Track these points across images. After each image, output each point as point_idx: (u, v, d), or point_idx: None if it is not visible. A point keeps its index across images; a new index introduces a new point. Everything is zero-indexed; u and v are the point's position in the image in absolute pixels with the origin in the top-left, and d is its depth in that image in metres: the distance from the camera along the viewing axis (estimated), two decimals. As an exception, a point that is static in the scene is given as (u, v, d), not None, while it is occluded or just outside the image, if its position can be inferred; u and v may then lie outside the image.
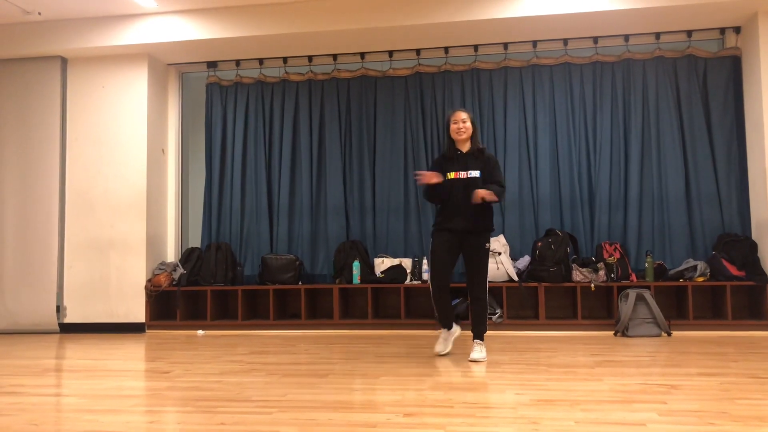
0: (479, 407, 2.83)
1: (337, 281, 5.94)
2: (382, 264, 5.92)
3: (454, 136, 4.22)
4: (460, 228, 4.16)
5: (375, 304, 5.97)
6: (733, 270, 5.35)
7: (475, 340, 4.21)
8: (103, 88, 6.27)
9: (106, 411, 2.89)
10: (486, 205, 4.16)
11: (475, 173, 4.15)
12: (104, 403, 3.05)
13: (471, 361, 4.09)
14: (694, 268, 5.43)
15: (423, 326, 5.66)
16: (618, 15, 5.40)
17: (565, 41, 5.99)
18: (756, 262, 5.38)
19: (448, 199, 4.19)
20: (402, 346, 4.79)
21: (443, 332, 4.39)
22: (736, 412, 2.66)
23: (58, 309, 6.14)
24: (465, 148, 4.23)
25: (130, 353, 4.81)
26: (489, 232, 4.26)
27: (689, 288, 5.36)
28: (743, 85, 5.75)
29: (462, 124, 4.18)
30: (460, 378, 3.55)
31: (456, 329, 4.40)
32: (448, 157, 4.25)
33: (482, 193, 3.99)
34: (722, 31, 5.85)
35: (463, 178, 4.14)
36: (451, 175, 4.17)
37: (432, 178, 4.13)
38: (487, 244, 4.24)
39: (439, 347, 4.35)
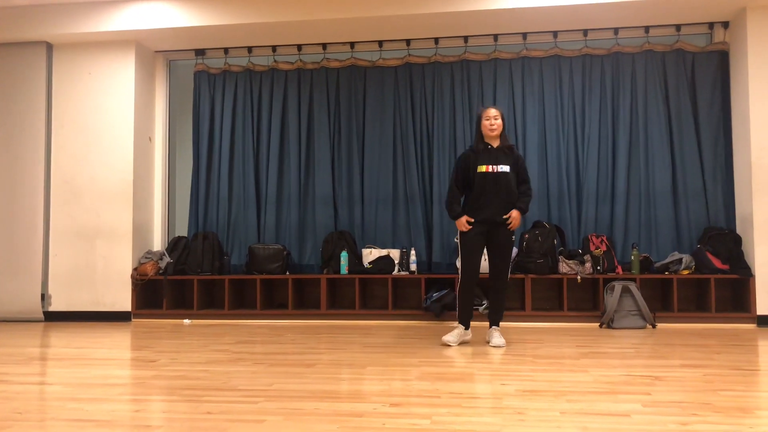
0: (465, 397, 2.85)
1: (324, 271, 5.94)
2: (370, 254, 5.93)
3: (486, 132, 4.38)
4: (489, 220, 4.32)
5: (362, 294, 5.98)
6: (717, 263, 5.40)
7: (492, 327, 4.45)
8: (90, 74, 6.20)
9: (91, 399, 2.88)
10: (515, 198, 4.35)
11: (506, 168, 4.33)
12: (89, 392, 3.04)
13: (493, 346, 4.30)
14: (680, 261, 5.48)
15: (410, 317, 5.68)
16: (608, 8, 5.41)
17: (555, 33, 5.99)
18: (740, 255, 5.43)
19: (479, 192, 4.34)
20: (389, 337, 4.81)
21: (461, 328, 4.42)
22: (719, 403, 2.69)
23: (43, 297, 6.09)
24: (495, 143, 4.40)
25: (116, 342, 4.79)
26: (525, 214, 4.47)
27: (674, 281, 5.41)
28: (730, 79, 5.78)
29: (494, 120, 4.35)
30: (446, 368, 3.56)
31: (469, 333, 4.46)
32: (478, 150, 4.39)
33: (515, 221, 4.32)
34: (710, 25, 5.88)
35: (494, 172, 4.31)
36: (482, 168, 4.32)
37: (465, 224, 4.35)
38: (513, 236, 4.42)
39: (451, 338, 4.35)
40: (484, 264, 4.49)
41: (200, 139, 6.48)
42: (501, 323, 4.51)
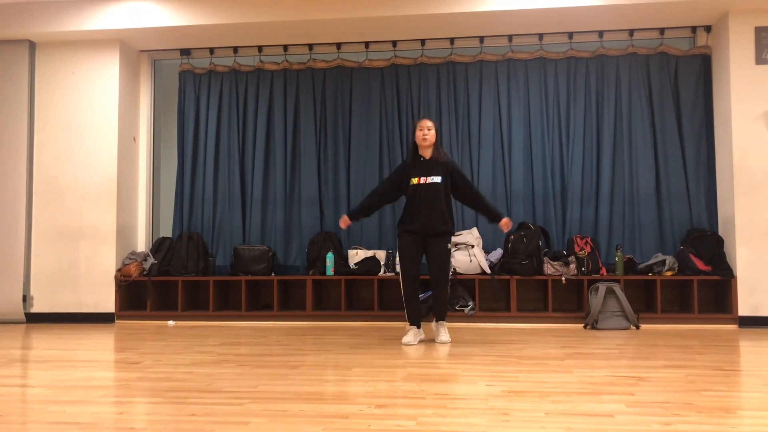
0: (451, 398, 2.85)
1: (310, 272, 5.92)
2: (356, 256, 5.92)
3: (418, 142, 4.48)
4: (422, 231, 4.43)
5: (348, 295, 5.97)
6: (700, 264, 5.45)
7: (438, 322, 4.53)
8: (73, 73, 6.14)
9: (74, 402, 2.85)
10: (447, 209, 4.45)
11: (437, 179, 4.42)
12: (71, 394, 3.00)
13: (439, 343, 4.41)
14: (663, 262, 5.53)
15: (396, 318, 5.67)
16: (593, 11, 5.45)
17: (541, 36, 6.03)
18: (722, 256, 5.49)
19: (411, 204, 4.46)
20: (375, 338, 4.80)
21: (413, 329, 4.52)
22: (701, 403, 2.71)
23: (25, 298, 6.02)
24: (427, 154, 4.50)
25: (99, 343, 4.74)
26: (450, 234, 4.52)
27: (658, 282, 5.46)
28: (713, 83, 5.85)
29: (427, 131, 4.45)
30: (432, 369, 3.56)
31: (422, 332, 4.58)
32: (410, 162, 4.53)
33: (505, 225, 4.56)
34: (693, 29, 5.94)
35: (425, 183, 4.41)
36: (414, 180, 4.44)
37: (343, 224, 4.68)
38: (449, 245, 4.50)
39: (409, 338, 4.46)
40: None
41: (185, 140, 6.44)
42: (486, 324, 4.56)
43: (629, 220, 5.91)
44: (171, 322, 5.86)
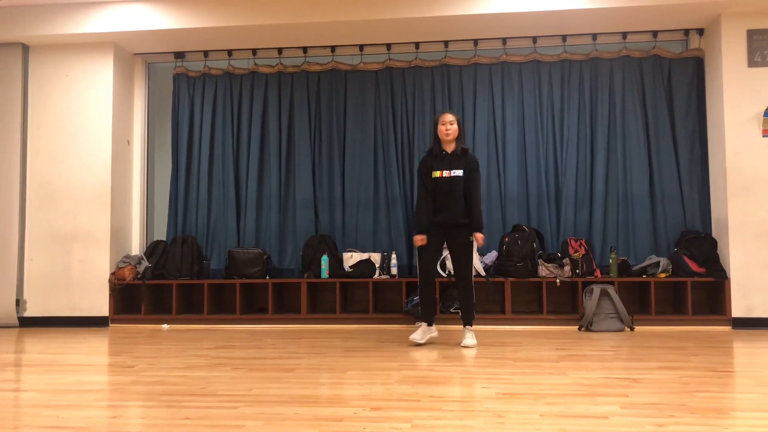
0: (445, 401, 2.85)
1: (305, 275, 5.92)
2: (350, 258, 5.92)
3: (441, 136, 4.51)
4: (445, 223, 4.46)
5: (343, 298, 5.97)
6: (693, 266, 5.47)
7: (465, 327, 4.54)
8: (67, 76, 6.13)
9: (67, 406, 2.83)
10: (469, 203, 4.47)
11: (458, 172, 4.46)
12: (65, 398, 2.99)
13: (463, 347, 4.42)
14: (657, 264, 5.55)
15: (391, 321, 5.68)
16: (586, 14, 5.47)
17: (535, 39, 6.05)
18: (716, 258, 5.51)
19: (434, 197, 4.50)
20: (370, 341, 4.80)
21: (424, 326, 4.57)
22: (695, 405, 2.72)
23: (18, 303, 5.99)
24: (450, 148, 4.53)
25: (93, 347, 4.72)
26: (479, 228, 4.49)
27: (652, 284, 5.47)
28: (705, 85, 5.87)
29: (449, 125, 4.48)
30: (427, 372, 3.56)
31: (434, 330, 4.61)
32: (434, 155, 4.54)
33: (480, 240, 4.43)
34: (686, 32, 5.97)
35: (447, 177, 4.45)
36: (437, 173, 4.49)
37: (420, 242, 4.54)
38: (471, 238, 4.49)
39: (417, 336, 4.51)
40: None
41: (179, 143, 6.43)
42: (481, 326, 4.57)
43: (623, 222, 5.93)
44: (165, 326, 5.84)
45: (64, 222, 6.03)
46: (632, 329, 5.27)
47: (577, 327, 5.36)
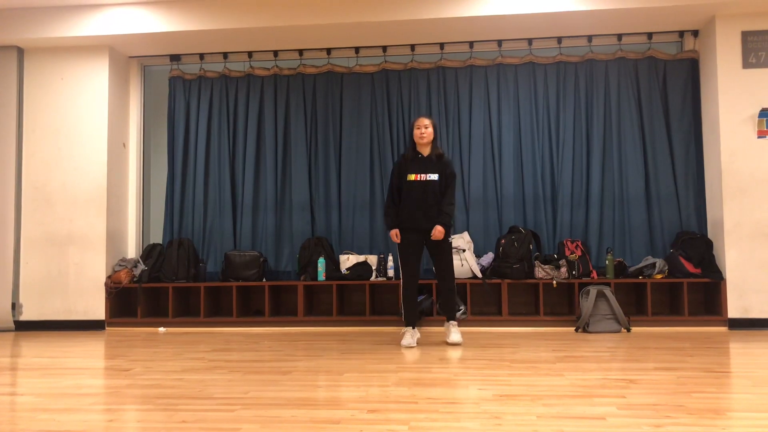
0: (443, 403, 2.85)
1: (301, 278, 5.91)
2: (347, 261, 5.91)
3: (416, 140, 4.57)
4: (421, 227, 4.50)
5: (340, 300, 5.96)
6: (689, 267, 5.49)
7: (449, 322, 4.61)
8: (62, 80, 6.12)
9: (63, 410, 2.83)
10: (440, 203, 4.52)
11: (434, 176, 4.51)
12: (61, 402, 2.98)
13: (450, 343, 4.50)
14: (653, 265, 5.56)
15: (388, 323, 5.67)
16: (581, 16, 5.49)
17: (530, 41, 6.06)
18: (711, 259, 5.53)
19: (408, 200, 4.53)
20: (367, 343, 4.80)
21: (409, 330, 4.60)
22: (692, 405, 2.73)
23: (14, 306, 5.97)
24: (425, 152, 4.58)
25: (89, 351, 4.71)
26: (448, 227, 4.57)
27: (648, 285, 5.48)
28: (701, 86, 5.89)
29: (424, 129, 4.54)
30: (424, 374, 3.56)
31: (417, 332, 4.68)
32: (410, 158, 4.58)
33: (438, 234, 4.47)
34: (681, 34, 5.99)
35: (422, 181, 4.49)
36: (411, 176, 4.51)
37: (396, 238, 4.62)
38: (450, 239, 4.57)
39: (407, 340, 4.54)
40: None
41: (175, 145, 6.43)
42: (477, 328, 4.58)
43: (619, 223, 5.94)
44: (162, 329, 5.83)
45: (59, 225, 6.02)
46: (629, 330, 5.28)
47: (574, 328, 5.37)
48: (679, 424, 2.44)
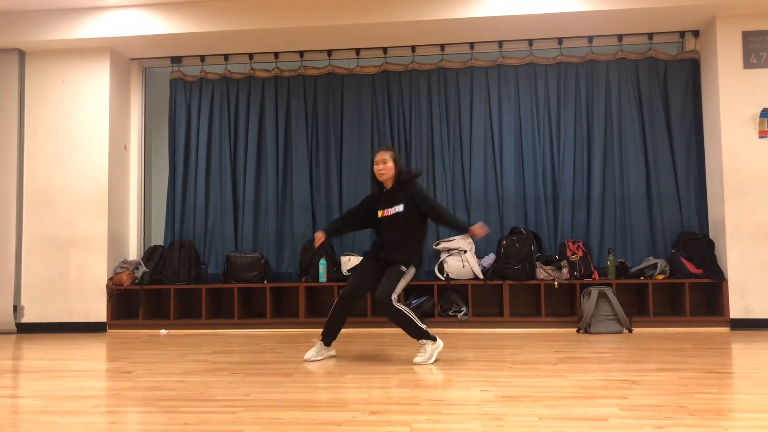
0: (444, 404, 2.85)
1: (303, 279, 5.91)
2: (348, 262, 5.91)
3: (377, 176, 4.19)
4: (385, 259, 4.12)
5: (341, 302, 5.95)
6: (691, 268, 5.48)
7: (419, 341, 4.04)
8: (63, 82, 6.12)
9: (65, 412, 2.83)
10: (412, 237, 4.13)
11: (399, 208, 4.10)
12: (63, 404, 2.98)
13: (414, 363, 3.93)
14: (655, 266, 5.55)
15: (389, 324, 5.64)
16: (582, 17, 5.48)
17: (530, 42, 6.06)
18: (713, 259, 5.52)
19: (379, 233, 4.23)
20: (368, 344, 4.79)
21: (320, 344, 4.18)
22: (694, 406, 2.72)
23: (15, 309, 5.97)
24: (389, 185, 4.19)
25: (91, 353, 4.71)
26: (405, 263, 4.11)
27: (649, 285, 5.48)
28: (701, 87, 5.89)
29: (383, 165, 4.14)
30: (425, 375, 3.56)
31: (332, 350, 4.22)
32: (375, 195, 4.25)
33: (480, 230, 4.04)
34: (682, 34, 5.99)
35: (389, 216, 4.13)
36: (380, 213, 4.17)
37: (318, 241, 4.28)
38: (402, 267, 4.09)
39: (311, 353, 4.14)
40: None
41: (176, 147, 6.43)
42: (479, 329, 4.45)
43: (620, 223, 5.93)
44: (163, 331, 5.83)
45: (61, 227, 6.02)
46: (630, 331, 5.27)
47: (576, 329, 5.36)
48: (681, 425, 2.44)
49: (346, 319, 4.18)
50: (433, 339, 4.01)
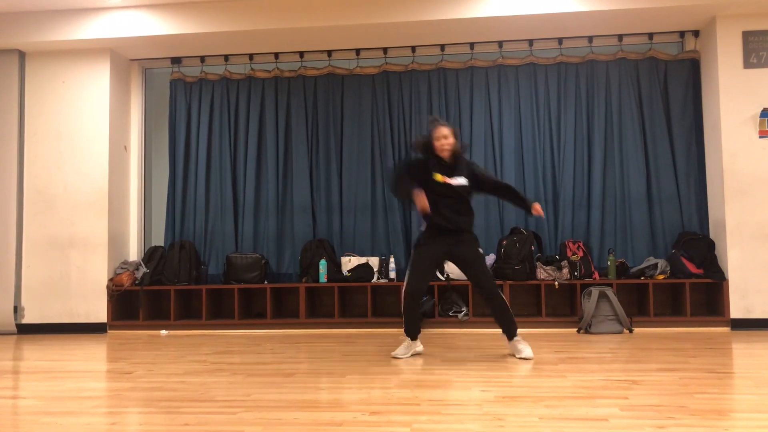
0: (445, 404, 2.85)
1: (303, 280, 5.91)
2: (348, 263, 5.91)
3: (438, 152, 4.08)
4: (450, 230, 4.05)
5: (342, 302, 5.96)
6: (691, 268, 5.48)
7: (515, 339, 4.12)
8: (63, 83, 6.12)
9: (66, 413, 2.83)
10: (471, 212, 4.15)
11: (463, 181, 4.08)
12: (64, 405, 2.98)
13: (522, 358, 4.01)
14: (655, 266, 5.55)
15: (390, 324, 5.67)
16: (582, 17, 5.48)
17: (531, 42, 6.06)
18: (713, 259, 5.52)
19: (436, 204, 4.02)
20: (369, 345, 4.79)
21: (408, 341, 4.24)
22: (694, 406, 2.72)
23: (16, 309, 5.97)
24: (447, 158, 4.10)
25: (91, 354, 4.71)
26: (476, 238, 4.19)
27: (650, 285, 5.47)
28: (702, 87, 5.89)
29: (444, 140, 4.06)
30: (426, 376, 3.56)
31: (419, 344, 4.28)
32: (432, 162, 4.09)
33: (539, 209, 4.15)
34: (682, 34, 5.98)
35: (455, 186, 4.06)
36: (440, 178, 4.04)
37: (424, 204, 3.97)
38: (480, 249, 4.15)
39: (400, 351, 4.19)
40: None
41: (176, 148, 6.43)
42: (480, 329, 4.46)
43: (621, 223, 5.93)
44: (164, 332, 5.83)
45: (61, 228, 6.02)
46: (631, 331, 5.27)
47: (576, 329, 5.36)
48: (681, 425, 2.43)
49: (420, 309, 4.29)
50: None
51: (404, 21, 5.54)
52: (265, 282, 5.96)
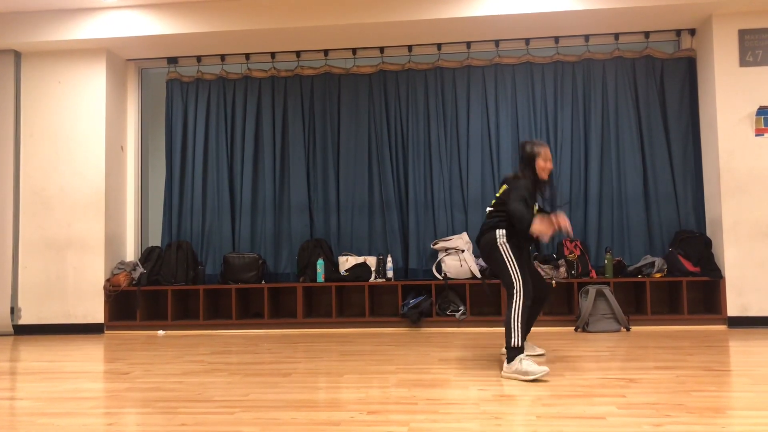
0: (442, 403, 2.85)
1: (300, 280, 5.91)
2: (346, 262, 5.91)
3: (541, 174, 3.86)
4: (528, 248, 4.02)
5: (339, 302, 5.96)
6: (688, 266, 5.49)
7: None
8: (60, 83, 6.11)
9: (63, 414, 2.82)
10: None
11: (540, 202, 3.99)
12: (61, 406, 2.98)
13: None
14: (652, 264, 5.56)
15: (387, 324, 5.67)
16: (578, 15, 5.49)
17: (527, 41, 6.06)
18: (710, 257, 5.53)
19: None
20: (366, 344, 4.79)
21: (529, 345, 4.07)
22: (692, 404, 2.73)
23: (13, 311, 5.96)
24: (545, 178, 3.91)
25: (88, 355, 4.70)
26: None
27: (647, 284, 5.48)
28: (698, 85, 5.90)
29: (549, 164, 3.88)
30: (423, 375, 3.56)
31: (533, 346, 4.16)
32: (530, 187, 3.84)
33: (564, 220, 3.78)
34: (678, 32, 5.99)
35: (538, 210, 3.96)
36: (535, 208, 3.90)
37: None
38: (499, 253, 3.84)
39: (533, 368, 3.45)
40: (467, 270, 4.38)
41: (173, 148, 6.42)
42: (477, 328, 4.44)
43: (618, 222, 5.94)
44: (161, 332, 5.82)
45: (58, 229, 6.01)
46: (628, 329, 5.28)
47: (574, 328, 5.37)
48: (679, 423, 2.44)
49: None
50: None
51: (401, 20, 5.54)
52: (263, 282, 5.96)
